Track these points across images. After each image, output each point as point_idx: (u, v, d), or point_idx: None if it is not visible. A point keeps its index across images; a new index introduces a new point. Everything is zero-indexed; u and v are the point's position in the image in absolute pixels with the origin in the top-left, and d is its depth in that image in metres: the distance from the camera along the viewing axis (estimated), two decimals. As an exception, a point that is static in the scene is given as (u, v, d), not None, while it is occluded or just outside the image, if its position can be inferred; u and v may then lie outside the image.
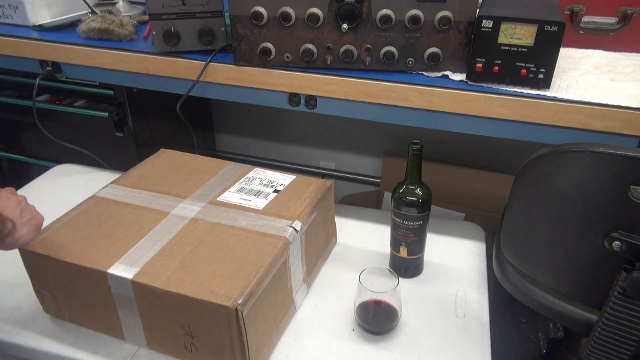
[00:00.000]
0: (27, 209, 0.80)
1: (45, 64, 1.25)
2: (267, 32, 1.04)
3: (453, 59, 1.03)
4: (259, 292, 0.77)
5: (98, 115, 1.39)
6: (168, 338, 0.81)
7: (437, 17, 0.99)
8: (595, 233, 0.72)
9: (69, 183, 1.27)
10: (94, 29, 1.22)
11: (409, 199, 0.93)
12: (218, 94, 1.15)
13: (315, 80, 1.06)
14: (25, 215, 0.79)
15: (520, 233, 0.83)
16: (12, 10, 1.33)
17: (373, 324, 0.87)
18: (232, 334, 0.74)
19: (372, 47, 1.03)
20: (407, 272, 1.01)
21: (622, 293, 0.71)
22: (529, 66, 0.95)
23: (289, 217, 0.90)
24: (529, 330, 1.47)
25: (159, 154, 1.12)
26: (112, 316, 0.83)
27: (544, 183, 0.75)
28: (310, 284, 0.98)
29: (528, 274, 0.83)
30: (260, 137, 1.90)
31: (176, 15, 1.11)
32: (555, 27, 0.91)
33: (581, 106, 0.92)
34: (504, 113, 0.96)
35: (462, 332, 0.89)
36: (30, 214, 0.80)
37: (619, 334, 0.74)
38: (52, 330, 0.88)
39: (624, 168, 0.67)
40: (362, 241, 1.11)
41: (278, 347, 0.85)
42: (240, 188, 0.99)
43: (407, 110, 1.03)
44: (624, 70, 1.06)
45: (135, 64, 1.17)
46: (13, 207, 0.78)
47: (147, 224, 0.87)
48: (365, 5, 0.99)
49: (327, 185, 1.01)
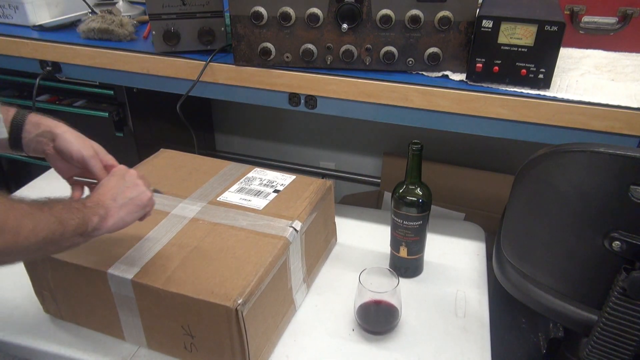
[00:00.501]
0: (130, 187, 0.74)
1: (45, 64, 1.25)
2: (267, 32, 1.04)
3: (453, 59, 1.03)
4: (259, 292, 0.77)
5: (98, 115, 1.39)
6: (168, 338, 0.81)
7: (437, 17, 0.99)
8: (595, 233, 0.72)
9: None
10: (94, 29, 1.22)
11: (409, 199, 0.93)
12: (218, 94, 1.15)
13: (315, 80, 1.06)
14: (124, 197, 0.73)
15: (520, 233, 0.83)
16: (12, 10, 1.33)
17: (373, 324, 0.87)
18: (232, 334, 0.74)
19: (372, 47, 1.03)
20: (407, 272, 1.01)
21: (622, 293, 0.71)
22: (529, 66, 0.95)
23: (289, 217, 0.90)
24: (529, 330, 1.47)
25: (159, 154, 1.12)
26: (112, 316, 0.83)
27: (544, 183, 0.75)
28: (310, 284, 0.98)
29: (528, 274, 0.83)
30: (260, 137, 1.90)
31: (176, 15, 1.11)
32: (555, 27, 0.91)
33: (581, 106, 0.92)
34: (504, 113, 0.96)
35: (462, 332, 0.88)
36: (132, 193, 0.74)
37: (619, 334, 0.74)
38: (52, 330, 0.88)
39: (624, 168, 0.67)
40: (362, 241, 1.11)
41: (278, 347, 0.85)
42: (240, 188, 0.99)
43: (407, 110, 1.03)
44: (624, 70, 1.06)
45: (135, 64, 1.17)
46: (111, 189, 0.73)
47: (147, 224, 0.87)
48: (365, 5, 0.99)
49: (327, 185, 1.01)
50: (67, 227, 0.65)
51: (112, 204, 0.71)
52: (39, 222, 0.62)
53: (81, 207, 0.68)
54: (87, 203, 0.70)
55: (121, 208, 0.72)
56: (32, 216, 0.61)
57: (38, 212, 0.62)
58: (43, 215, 0.63)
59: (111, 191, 0.73)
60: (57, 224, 0.64)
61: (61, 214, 0.65)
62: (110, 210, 0.71)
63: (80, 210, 0.67)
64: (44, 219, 0.63)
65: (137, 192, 0.75)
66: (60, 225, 0.64)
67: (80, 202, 0.70)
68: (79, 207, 0.68)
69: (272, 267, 0.80)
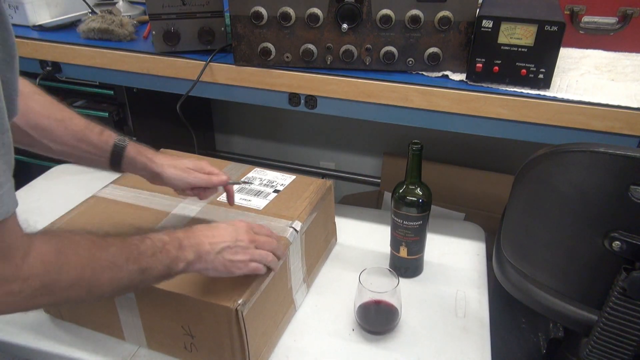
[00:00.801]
0: (236, 251, 0.71)
1: (45, 64, 1.25)
2: (267, 32, 1.04)
3: (453, 59, 1.03)
4: (259, 292, 0.77)
5: (98, 115, 1.38)
6: (168, 338, 0.81)
7: (437, 17, 0.99)
8: (595, 233, 0.72)
9: (69, 183, 1.27)
10: (94, 29, 1.22)
11: (409, 199, 0.93)
12: (218, 94, 1.15)
13: (315, 80, 1.06)
14: (225, 256, 0.70)
15: (520, 233, 0.83)
16: (12, 10, 1.33)
17: (373, 324, 0.87)
18: (232, 334, 0.74)
19: (372, 47, 1.03)
20: (407, 272, 1.01)
21: (622, 293, 0.71)
22: (529, 66, 0.95)
23: (289, 218, 0.90)
24: (529, 330, 1.47)
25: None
26: (112, 316, 0.83)
27: (543, 183, 0.75)
28: (310, 284, 0.98)
29: (528, 274, 0.83)
30: (260, 137, 1.90)
31: (176, 15, 1.10)
32: (555, 27, 0.91)
33: (581, 106, 0.92)
34: (504, 113, 0.96)
35: (462, 332, 0.88)
36: (235, 256, 0.71)
37: (619, 334, 0.74)
38: (52, 330, 0.88)
39: (624, 168, 0.67)
40: (362, 241, 1.11)
41: (278, 347, 0.85)
42: (240, 188, 0.99)
43: (407, 110, 1.03)
44: (624, 70, 1.06)
45: (135, 64, 1.17)
46: (217, 237, 0.70)
47: (147, 224, 0.87)
48: (365, 5, 0.99)
49: (327, 185, 1.01)
50: (148, 276, 0.63)
51: (208, 252, 0.69)
52: (118, 274, 0.59)
53: (174, 249, 0.66)
54: (184, 242, 0.67)
55: (216, 259, 0.70)
56: (111, 270, 0.59)
57: (121, 262, 0.60)
58: (126, 267, 0.60)
59: (216, 239, 0.71)
60: (138, 274, 0.62)
61: (147, 263, 0.62)
62: (202, 257, 0.69)
63: (171, 252, 0.65)
64: (125, 270, 0.60)
65: (241, 257, 0.72)
66: (141, 275, 0.62)
67: (178, 240, 0.67)
68: (171, 248, 0.66)
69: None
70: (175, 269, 0.66)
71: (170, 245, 0.66)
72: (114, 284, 0.60)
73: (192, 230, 0.71)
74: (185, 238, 0.68)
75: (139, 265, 0.62)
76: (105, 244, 0.60)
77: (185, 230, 0.71)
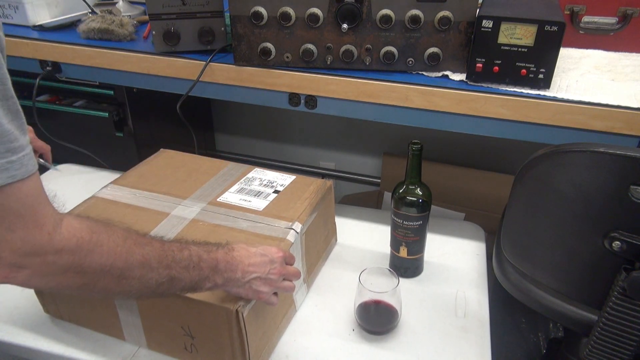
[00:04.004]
0: (265, 281, 0.71)
1: (45, 64, 1.25)
2: (267, 32, 1.04)
3: (453, 59, 1.03)
4: (259, 292, 0.77)
5: (98, 115, 1.39)
6: (168, 338, 0.81)
7: (437, 17, 0.99)
8: (595, 233, 0.72)
9: (69, 183, 1.27)
10: (94, 29, 1.22)
11: (409, 199, 0.93)
12: (218, 94, 1.15)
13: (315, 80, 1.06)
14: (252, 284, 0.70)
15: (520, 233, 0.83)
16: (12, 10, 1.33)
17: (373, 324, 0.87)
18: (233, 334, 0.74)
19: (372, 47, 1.03)
20: (407, 272, 1.01)
21: (622, 293, 0.71)
22: (529, 66, 0.95)
23: (289, 219, 0.90)
24: (529, 330, 1.47)
25: (159, 154, 1.12)
26: (112, 316, 0.83)
27: (544, 183, 0.75)
28: (310, 284, 0.98)
29: (528, 274, 0.83)
30: (260, 137, 1.90)
31: (176, 15, 1.10)
32: (555, 27, 0.91)
33: (581, 106, 0.92)
34: (504, 113, 0.96)
35: (462, 332, 0.88)
36: (262, 287, 0.71)
37: (619, 334, 0.74)
38: (52, 330, 0.88)
39: (624, 168, 0.67)
40: (362, 241, 1.11)
41: (278, 347, 0.85)
42: (240, 188, 0.99)
43: (407, 110, 1.03)
44: (624, 70, 1.06)
45: (135, 64, 1.17)
46: (249, 266, 0.70)
47: (147, 225, 0.87)
48: (365, 5, 0.99)
49: (327, 185, 1.01)
50: (175, 285, 0.62)
51: (238, 279, 0.69)
52: (149, 274, 0.58)
53: (207, 270, 0.65)
54: (220, 266, 0.67)
55: (243, 287, 0.70)
56: (143, 267, 0.57)
57: (154, 264, 0.59)
58: (157, 270, 0.59)
59: (250, 269, 0.70)
60: (166, 280, 0.60)
61: (178, 273, 0.61)
62: (230, 283, 0.69)
63: (203, 271, 0.65)
64: (156, 273, 0.59)
65: (267, 288, 0.73)
66: (169, 282, 0.61)
67: (215, 261, 0.66)
68: (205, 267, 0.65)
69: (272, 267, 0.80)
70: (201, 287, 0.66)
71: (205, 263, 0.65)
72: (142, 282, 0.58)
73: (232, 256, 0.70)
74: (223, 262, 0.68)
75: (170, 272, 0.60)
76: (142, 241, 0.59)
77: (226, 252, 0.70)
